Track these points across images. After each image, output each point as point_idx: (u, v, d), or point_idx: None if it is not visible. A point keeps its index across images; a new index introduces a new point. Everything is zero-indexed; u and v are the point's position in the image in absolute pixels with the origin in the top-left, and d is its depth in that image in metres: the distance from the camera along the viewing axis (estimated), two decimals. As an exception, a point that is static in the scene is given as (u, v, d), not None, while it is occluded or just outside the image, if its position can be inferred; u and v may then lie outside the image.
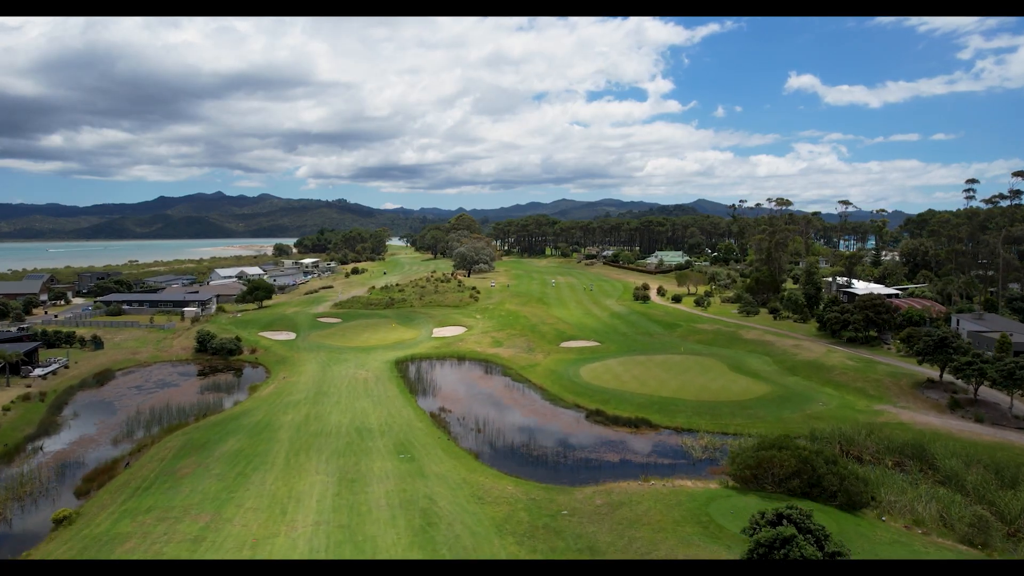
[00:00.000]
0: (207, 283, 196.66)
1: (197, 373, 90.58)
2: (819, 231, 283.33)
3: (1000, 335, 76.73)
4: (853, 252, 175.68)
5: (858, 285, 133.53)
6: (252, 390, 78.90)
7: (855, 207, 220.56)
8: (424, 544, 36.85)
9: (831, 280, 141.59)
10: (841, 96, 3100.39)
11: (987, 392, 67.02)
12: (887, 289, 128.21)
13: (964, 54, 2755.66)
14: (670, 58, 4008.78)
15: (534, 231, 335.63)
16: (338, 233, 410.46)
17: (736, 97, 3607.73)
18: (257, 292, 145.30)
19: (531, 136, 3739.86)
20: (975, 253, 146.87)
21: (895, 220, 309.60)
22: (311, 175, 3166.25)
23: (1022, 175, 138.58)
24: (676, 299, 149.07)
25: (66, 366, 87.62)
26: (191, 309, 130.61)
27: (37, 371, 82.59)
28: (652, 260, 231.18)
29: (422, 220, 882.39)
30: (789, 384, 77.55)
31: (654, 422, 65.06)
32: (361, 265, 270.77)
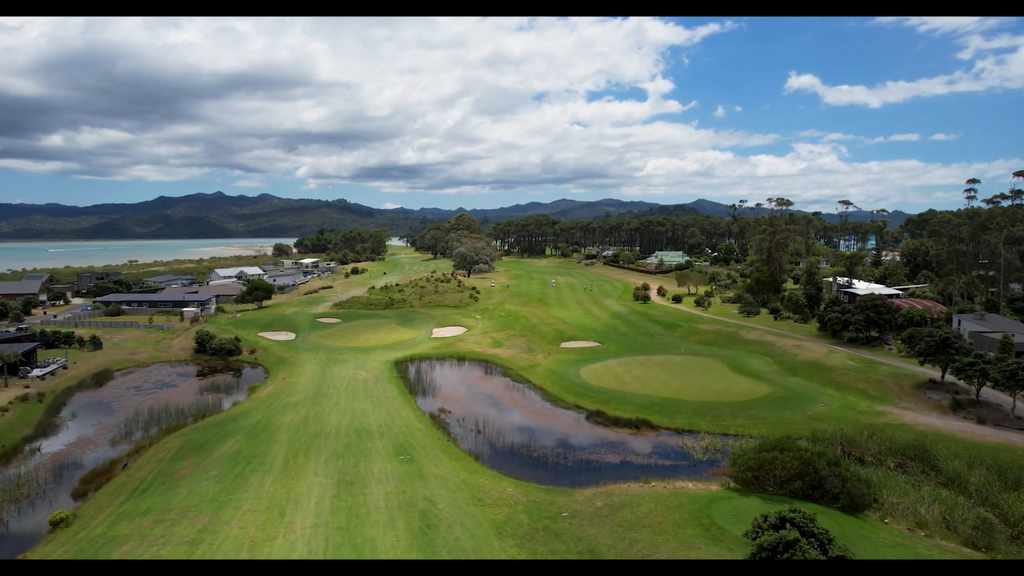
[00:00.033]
0: (206, 283, 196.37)
1: (196, 374, 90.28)
2: (819, 231, 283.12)
3: (1002, 335, 76.43)
4: (854, 252, 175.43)
5: (859, 285, 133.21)
6: (251, 391, 78.60)
7: (855, 207, 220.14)
8: (423, 547, 36.55)
9: (832, 280, 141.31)
10: (841, 96, 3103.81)
11: (989, 393, 66.70)
12: (888, 289, 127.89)
13: (964, 54, 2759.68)
14: (670, 58, 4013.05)
15: (534, 231, 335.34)
16: (338, 233, 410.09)
17: (736, 97, 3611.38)
18: (256, 292, 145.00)
19: (531, 136, 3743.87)
20: (976, 253, 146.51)
21: (895, 220, 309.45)
22: (311, 175, 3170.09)
23: (1023, 175, 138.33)
24: (676, 299, 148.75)
25: (65, 367, 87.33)
26: (190, 309, 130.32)
27: (35, 372, 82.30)
28: (652, 260, 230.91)
29: (422, 220, 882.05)
30: (790, 385, 77.23)
31: (655, 423, 64.73)
32: (361, 265, 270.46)
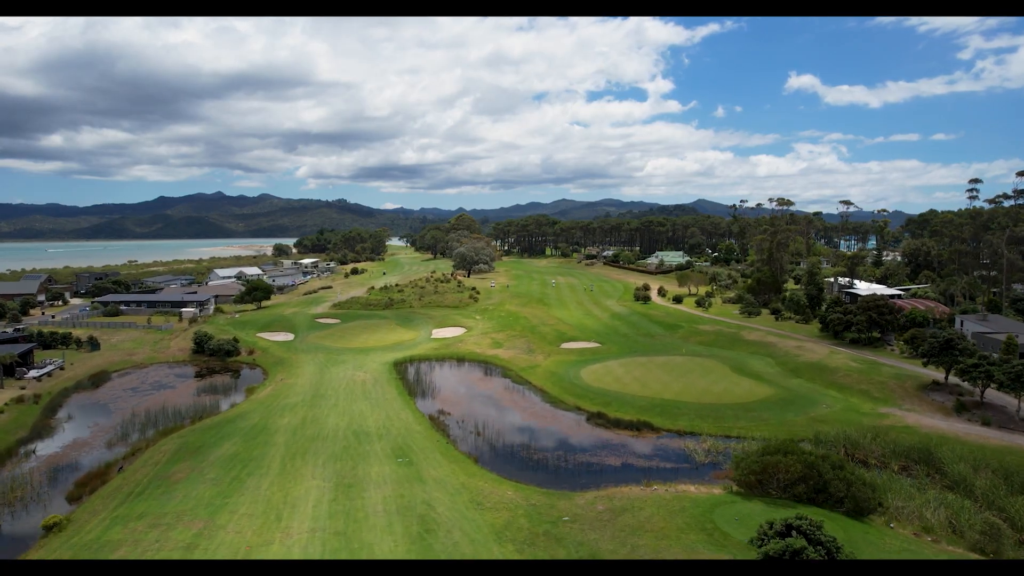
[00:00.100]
0: (206, 283, 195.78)
1: (194, 375, 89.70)
2: (819, 231, 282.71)
3: (1006, 336, 75.83)
4: (855, 252, 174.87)
5: (860, 286, 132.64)
6: (249, 392, 78.04)
7: (856, 207, 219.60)
8: (422, 552, 35.99)
9: (833, 280, 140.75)
10: (841, 96, 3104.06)
11: (993, 395, 66.08)
12: (889, 290, 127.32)
13: (964, 54, 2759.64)
14: (670, 58, 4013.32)
15: (534, 231, 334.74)
16: (338, 233, 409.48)
17: (736, 97, 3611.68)
18: (256, 293, 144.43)
19: (531, 136, 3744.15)
20: (978, 253, 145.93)
21: (895, 220, 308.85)
22: (311, 175, 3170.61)
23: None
24: (677, 300, 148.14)
25: (61, 367, 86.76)
26: (189, 310, 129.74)
27: (32, 373, 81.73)
28: (652, 260, 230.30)
29: (422, 220, 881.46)
30: (792, 386, 76.64)
31: (656, 425, 64.14)
32: (361, 265, 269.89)
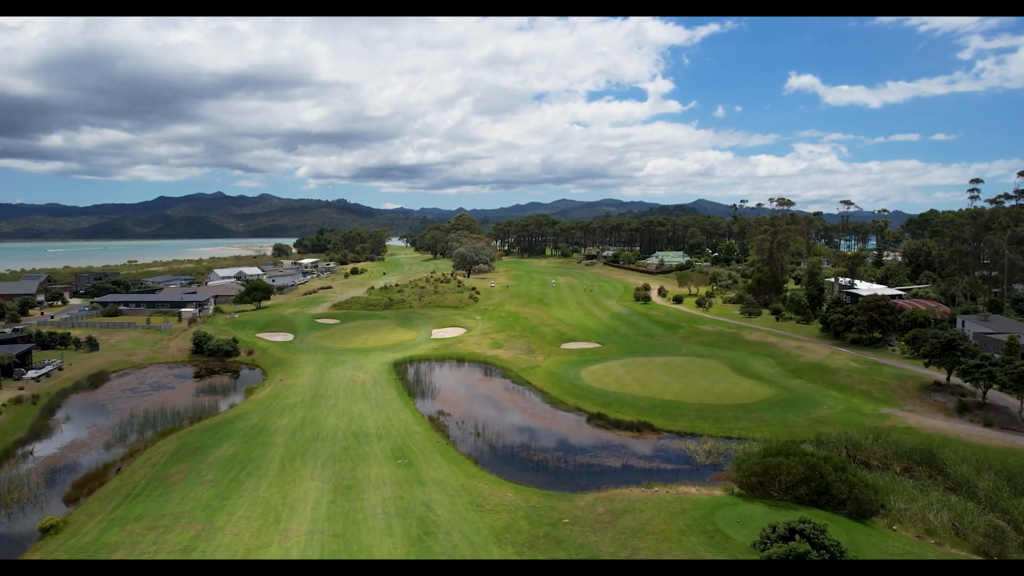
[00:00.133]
0: (205, 283, 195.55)
1: (193, 375, 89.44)
2: (820, 231, 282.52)
3: (1008, 337, 75.57)
4: (855, 252, 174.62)
5: (861, 286, 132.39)
6: (248, 393, 77.78)
7: (856, 207, 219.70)
8: (421, 554, 35.69)
9: (834, 281, 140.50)
10: (841, 96, 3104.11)
11: (995, 395, 65.79)
12: (890, 290, 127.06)
13: (964, 54, 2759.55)
14: (670, 58, 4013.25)
15: (534, 231, 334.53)
16: (338, 233, 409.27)
17: (736, 97, 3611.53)
18: (255, 293, 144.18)
19: (531, 136, 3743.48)
20: (978, 253, 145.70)
21: (895, 220, 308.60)
22: (311, 175, 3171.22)
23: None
24: (677, 300, 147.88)
25: (60, 368, 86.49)
26: (188, 310, 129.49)
27: (30, 373, 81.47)
28: (653, 260, 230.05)
29: (422, 220, 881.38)
30: (793, 387, 76.37)
31: (656, 426, 63.87)
32: (360, 265, 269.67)
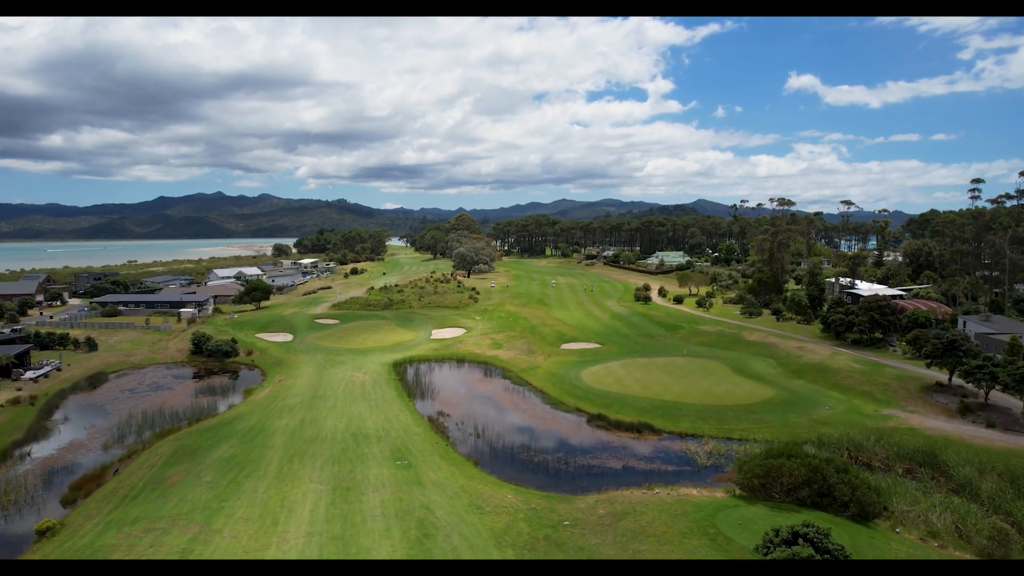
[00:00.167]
0: (205, 284, 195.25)
1: (192, 376, 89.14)
2: (820, 231, 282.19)
3: (1010, 337, 75.30)
4: (856, 252, 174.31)
5: (862, 286, 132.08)
6: (247, 393, 77.49)
7: (857, 207, 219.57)
8: (420, 557, 35.37)
9: (834, 281, 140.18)
10: (841, 96, 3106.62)
11: (998, 396, 65.49)
12: (891, 290, 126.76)
13: (964, 54, 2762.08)
14: (670, 58, 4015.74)
15: (534, 231, 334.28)
16: (337, 233, 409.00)
17: (736, 97, 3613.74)
18: (255, 293, 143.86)
19: (531, 136, 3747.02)
20: (979, 253, 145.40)
21: (895, 220, 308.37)
22: (311, 175, 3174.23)
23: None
24: (678, 300, 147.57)
25: (58, 368, 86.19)
26: (187, 310, 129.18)
27: (28, 374, 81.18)
28: (653, 260, 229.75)
29: (422, 220, 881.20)
30: (794, 388, 76.07)
31: (657, 427, 63.57)
32: (360, 265, 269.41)
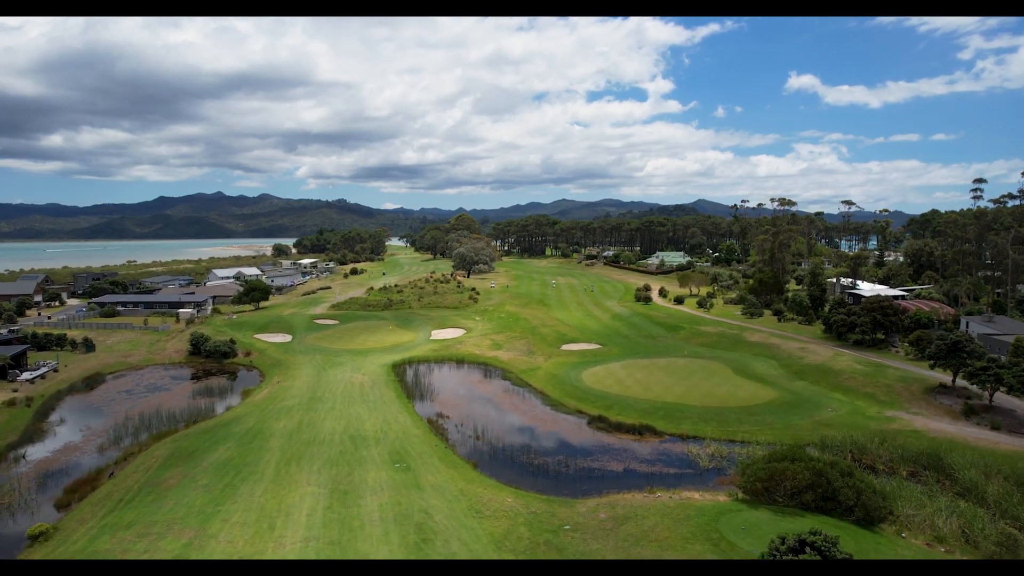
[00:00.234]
0: (204, 284, 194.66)
1: (190, 377, 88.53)
2: (820, 231, 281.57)
3: (1015, 338, 74.67)
4: (857, 253, 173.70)
5: (863, 286, 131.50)
6: (245, 395, 76.88)
7: (858, 207, 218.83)
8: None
9: (835, 281, 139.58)
10: (841, 96, 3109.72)
11: (1002, 398, 64.89)
12: (893, 291, 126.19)
13: (964, 54, 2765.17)
14: (670, 58, 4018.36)
15: (534, 231, 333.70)
16: (337, 233, 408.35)
17: (736, 97, 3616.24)
18: (254, 293, 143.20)
19: (531, 136, 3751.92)
20: (981, 254, 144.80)
21: (896, 220, 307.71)
22: (311, 175, 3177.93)
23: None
24: (678, 300, 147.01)
25: (55, 369, 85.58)
26: (186, 311, 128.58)
27: (25, 375, 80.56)
28: (653, 261, 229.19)
29: (422, 220, 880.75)
30: (797, 389, 75.47)
31: (658, 429, 62.97)
32: (360, 266, 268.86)
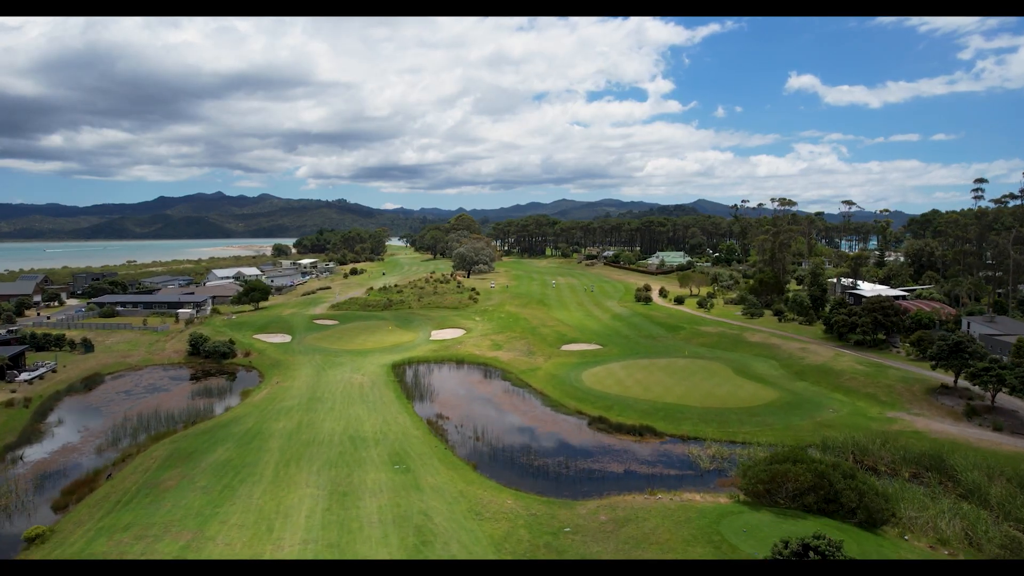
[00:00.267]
0: (203, 284, 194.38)
1: (189, 377, 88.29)
2: (820, 231, 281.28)
3: (1016, 339, 74.40)
4: (857, 253, 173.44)
5: (864, 286, 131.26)
6: (244, 395, 76.64)
7: (858, 207, 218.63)
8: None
9: (836, 281, 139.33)
10: (841, 96, 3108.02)
11: (1004, 399, 64.65)
12: (893, 291, 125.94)
13: (964, 54, 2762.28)
14: (670, 58, 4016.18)
15: (534, 231, 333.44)
16: (337, 233, 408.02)
17: (736, 97, 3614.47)
18: (253, 293, 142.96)
19: (531, 136, 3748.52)
20: (982, 254, 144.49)
21: (896, 220, 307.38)
22: (311, 175, 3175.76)
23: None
24: (678, 300, 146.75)
25: (54, 370, 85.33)
26: (185, 311, 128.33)
27: (23, 375, 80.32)
28: (653, 261, 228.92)
29: (422, 220, 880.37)
30: (797, 390, 75.20)
31: (659, 430, 62.71)
32: (360, 266, 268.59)
